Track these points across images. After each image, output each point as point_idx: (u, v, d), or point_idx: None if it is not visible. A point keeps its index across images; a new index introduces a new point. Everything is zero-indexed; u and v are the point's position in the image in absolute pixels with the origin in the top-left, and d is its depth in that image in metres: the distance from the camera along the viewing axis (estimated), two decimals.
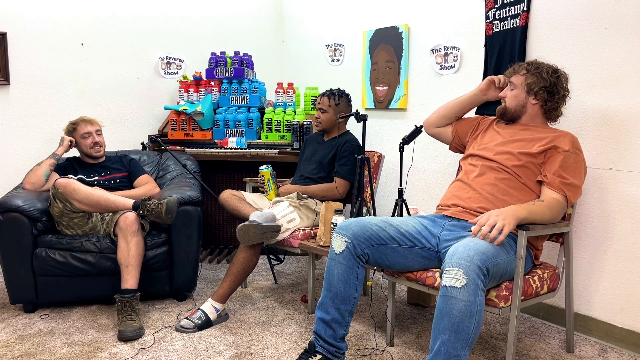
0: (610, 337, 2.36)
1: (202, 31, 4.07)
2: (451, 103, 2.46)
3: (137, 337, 2.35)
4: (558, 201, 1.99)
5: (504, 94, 2.23)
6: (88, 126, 2.93)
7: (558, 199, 1.99)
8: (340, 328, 1.99)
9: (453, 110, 2.45)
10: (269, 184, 2.93)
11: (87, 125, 2.93)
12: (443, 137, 2.49)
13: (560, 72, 2.15)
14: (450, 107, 2.46)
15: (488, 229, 1.81)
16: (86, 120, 2.95)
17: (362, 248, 1.98)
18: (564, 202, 2.00)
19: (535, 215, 1.92)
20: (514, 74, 2.20)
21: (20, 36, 3.39)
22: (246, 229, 2.44)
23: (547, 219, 1.96)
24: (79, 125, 2.92)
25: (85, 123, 2.93)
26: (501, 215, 1.83)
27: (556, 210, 1.98)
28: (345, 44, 3.73)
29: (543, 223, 1.96)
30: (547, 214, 1.96)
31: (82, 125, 2.92)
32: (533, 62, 2.18)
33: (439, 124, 2.49)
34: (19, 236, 2.57)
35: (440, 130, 2.49)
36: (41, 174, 2.78)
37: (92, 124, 2.95)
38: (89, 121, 2.95)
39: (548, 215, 1.96)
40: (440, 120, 2.48)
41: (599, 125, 2.35)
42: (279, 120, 3.48)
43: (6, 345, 2.30)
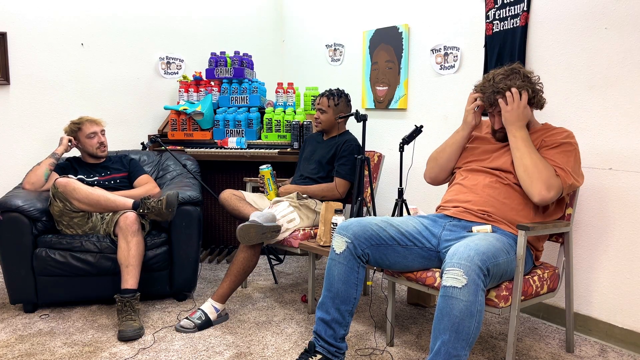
0: (610, 337, 2.36)
1: (202, 31, 4.07)
2: (447, 154, 2.28)
3: (137, 337, 2.35)
4: (551, 170, 1.95)
5: (498, 125, 2.12)
6: (94, 126, 2.92)
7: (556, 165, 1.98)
8: (340, 328, 1.99)
9: (455, 157, 2.28)
10: (269, 184, 2.93)
11: (92, 126, 2.92)
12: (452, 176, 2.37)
13: (515, 68, 2.07)
14: (449, 158, 2.28)
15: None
16: (91, 120, 2.93)
17: (362, 248, 1.98)
18: (554, 177, 1.95)
19: (527, 147, 1.95)
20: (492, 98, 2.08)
21: (20, 36, 3.39)
22: (246, 229, 2.44)
23: (530, 163, 1.93)
24: (84, 125, 2.91)
25: (91, 123, 2.92)
26: (517, 117, 1.99)
27: (545, 169, 1.93)
28: (345, 44, 3.73)
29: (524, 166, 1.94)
30: (540, 165, 1.93)
31: (88, 126, 2.91)
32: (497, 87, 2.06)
33: (447, 174, 2.33)
34: (19, 236, 2.57)
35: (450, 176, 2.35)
36: (41, 173, 2.78)
37: (98, 124, 2.95)
38: (94, 121, 2.94)
39: (540, 167, 1.93)
40: (449, 172, 2.32)
41: (599, 125, 2.35)
42: (279, 120, 3.48)
43: (6, 345, 2.30)
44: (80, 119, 2.95)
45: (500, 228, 2.01)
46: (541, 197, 1.93)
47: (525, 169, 1.95)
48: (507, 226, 2.02)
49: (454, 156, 2.29)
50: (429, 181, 2.39)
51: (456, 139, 2.27)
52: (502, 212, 2.03)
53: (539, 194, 1.92)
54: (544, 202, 1.95)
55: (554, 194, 1.94)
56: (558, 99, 2.49)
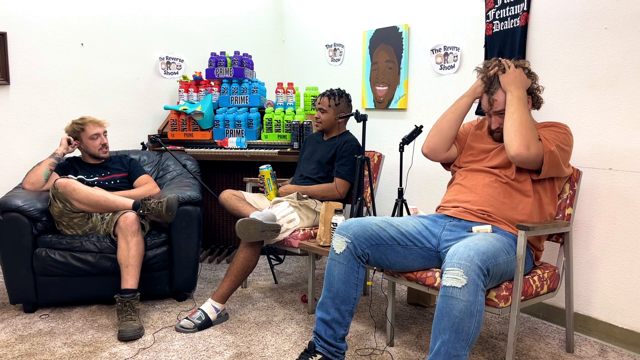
0: (610, 337, 2.36)
1: (202, 31, 4.07)
2: (448, 119, 2.24)
3: (137, 337, 2.35)
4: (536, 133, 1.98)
5: (496, 124, 2.12)
6: (97, 127, 2.91)
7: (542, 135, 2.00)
8: (340, 328, 1.99)
9: (456, 124, 2.23)
10: (269, 184, 2.93)
11: (95, 127, 2.91)
12: (451, 158, 2.31)
13: (519, 63, 2.11)
14: (450, 125, 2.23)
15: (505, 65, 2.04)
16: (95, 121, 2.92)
17: (362, 248, 1.98)
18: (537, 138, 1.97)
19: (521, 106, 1.98)
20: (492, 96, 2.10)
21: (20, 36, 3.39)
22: (246, 225, 2.44)
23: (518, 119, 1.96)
24: (87, 126, 2.89)
25: (94, 124, 2.91)
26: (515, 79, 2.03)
27: (531, 129, 1.95)
28: (345, 44, 3.73)
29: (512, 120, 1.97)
30: (527, 124, 1.96)
31: (91, 127, 2.90)
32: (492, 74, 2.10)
33: (447, 146, 2.25)
34: (19, 236, 2.57)
35: (449, 153, 2.29)
36: (41, 174, 2.78)
37: (100, 125, 2.94)
38: (98, 123, 2.93)
39: (526, 125, 1.95)
40: (449, 141, 2.25)
41: (599, 125, 2.35)
42: (279, 120, 3.48)
43: (6, 345, 2.30)
44: (82, 119, 2.93)
45: (500, 228, 2.01)
46: (518, 152, 1.93)
47: (513, 122, 1.97)
48: (507, 226, 2.02)
49: (454, 123, 2.24)
50: (426, 152, 2.28)
51: (459, 104, 2.24)
52: (501, 211, 2.04)
53: (518, 147, 1.93)
54: (520, 158, 1.94)
55: (532, 152, 1.93)
56: (558, 98, 2.49)
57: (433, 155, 2.29)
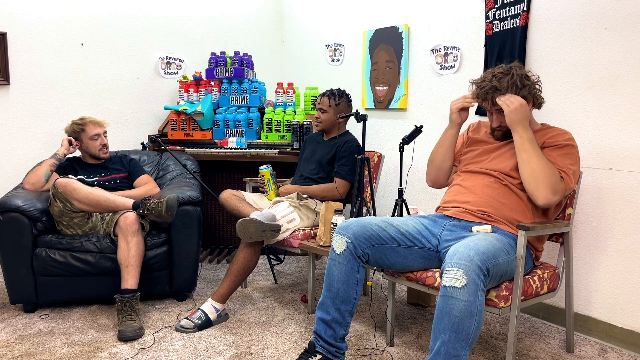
0: (610, 337, 2.36)
1: (202, 31, 4.07)
2: (441, 154, 2.29)
3: (137, 337, 2.35)
4: (557, 173, 1.95)
5: (497, 122, 2.12)
6: (97, 128, 2.91)
7: (561, 168, 1.99)
8: (340, 328, 1.99)
9: (449, 156, 2.28)
10: (269, 184, 2.93)
11: (96, 127, 2.91)
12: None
13: (514, 67, 2.07)
14: (444, 158, 2.28)
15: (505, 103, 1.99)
16: (95, 122, 2.92)
17: (362, 248, 1.98)
18: (559, 181, 1.95)
19: (535, 150, 1.94)
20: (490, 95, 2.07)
21: (20, 36, 3.39)
22: (246, 224, 2.44)
23: (537, 167, 1.92)
24: (87, 127, 2.89)
25: (94, 125, 2.91)
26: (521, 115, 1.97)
27: (552, 173, 1.93)
28: (345, 44, 3.73)
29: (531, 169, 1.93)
30: (547, 170, 1.92)
31: (91, 127, 2.90)
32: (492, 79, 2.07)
33: (448, 175, 2.33)
34: (19, 236, 2.57)
35: (452, 177, 2.34)
36: (41, 174, 2.78)
37: (101, 125, 2.93)
38: (98, 123, 2.92)
39: (547, 172, 1.92)
40: (447, 171, 2.32)
41: (599, 125, 2.35)
42: (279, 120, 3.48)
43: (6, 345, 2.30)
44: (82, 119, 2.93)
45: (500, 228, 2.01)
46: (547, 201, 1.94)
47: (532, 172, 1.94)
48: (507, 226, 2.02)
49: (447, 156, 2.28)
50: (430, 184, 2.39)
51: (445, 138, 2.28)
52: (501, 212, 2.04)
53: (545, 197, 1.93)
54: (548, 206, 1.97)
55: (558, 197, 1.95)
56: (558, 98, 2.49)
57: (438, 186, 2.39)
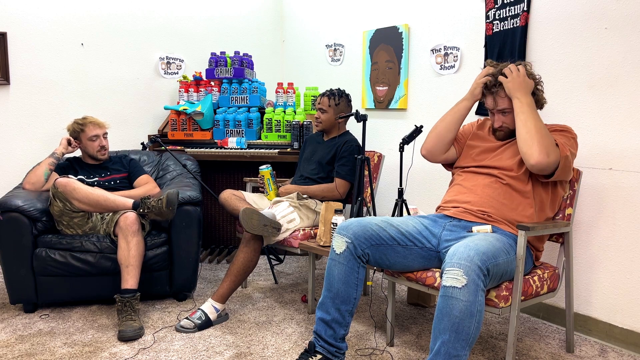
0: (610, 337, 2.36)
1: (202, 31, 4.07)
2: (447, 122, 2.24)
3: (137, 337, 2.35)
4: (552, 138, 1.96)
5: (499, 123, 2.12)
6: (97, 129, 2.90)
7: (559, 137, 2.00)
8: (340, 328, 1.99)
9: (454, 128, 2.23)
10: (269, 184, 2.93)
11: (95, 128, 2.90)
12: (450, 160, 2.32)
13: (520, 63, 2.09)
14: (448, 127, 2.23)
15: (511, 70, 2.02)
16: (95, 123, 2.91)
17: (362, 248, 1.98)
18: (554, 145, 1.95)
19: (533, 113, 1.96)
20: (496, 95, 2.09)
21: (20, 36, 3.39)
22: (250, 213, 2.44)
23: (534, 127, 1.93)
24: (87, 127, 2.89)
25: (94, 126, 2.90)
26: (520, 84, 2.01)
27: (547, 136, 1.93)
28: (345, 44, 3.73)
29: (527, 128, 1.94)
30: (543, 131, 1.93)
31: (91, 128, 2.89)
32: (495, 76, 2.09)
33: (445, 149, 2.26)
34: (19, 236, 2.57)
35: (447, 155, 2.29)
36: (41, 173, 2.78)
37: (101, 127, 2.93)
38: (98, 124, 2.92)
39: (542, 132, 1.93)
40: (446, 144, 2.25)
41: (599, 125, 2.35)
42: (279, 120, 3.48)
43: (6, 345, 2.30)
44: (84, 119, 2.92)
45: (500, 228, 2.01)
46: (539, 160, 1.90)
47: (528, 130, 1.94)
48: (507, 226, 2.02)
49: (452, 126, 2.23)
50: (424, 153, 2.30)
51: (458, 108, 2.23)
52: (501, 212, 2.04)
53: (538, 156, 1.90)
54: (540, 166, 1.92)
55: (552, 159, 1.92)
56: (558, 98, 2.49)
57: (431, 157, 2.31)
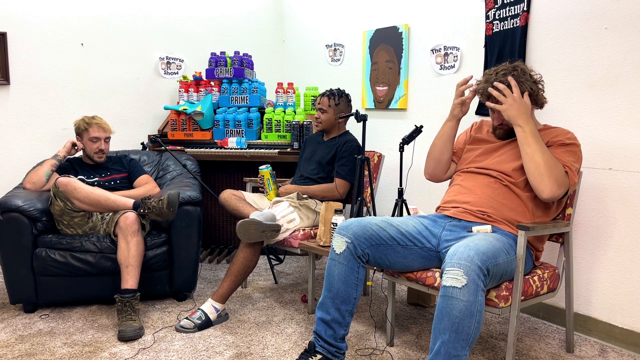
0: (610, 337, 2.36)
1: (202, 31, 4.07)
2: (439, 147, 2.28)
3: (137, 337, 2.36)
4: (561, 167, 1.95)
5: (499, 121, 2.12)
6: (100, 132, 2.91)
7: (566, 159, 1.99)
8: (340, 328, 1.99)
9: (447, 149, 2.28)
10: (269, 184, 2.93)
11: (99, 131, 2.91)
12: (453, 173, 2.35)
13: (518, 66, 2.07)
14: (442, 150, 2.28)
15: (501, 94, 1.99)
16: (101, 125, 2.92)
17: (362, 248, 1.98)
18: (564, 175, 1.95)
19: (538, 143, 1.93)
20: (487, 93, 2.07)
21: (20, 36, 3.39)
22: (246, 226, 2.44)
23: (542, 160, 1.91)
24: (91, 127, 2.89)
25: (99, 128, 2.91)
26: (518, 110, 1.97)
27: (557, 167, 1.92)
28: (345, 44, 3.73)
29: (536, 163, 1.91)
30: (551, 163, 1.92)
31: (95, 129, 2.90)
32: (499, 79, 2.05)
33: (446, 169, 2.32)
34: (19, 236, 2.57)
35: (450, 172, 2.34)
36: (42, 173, 2.78)
37: (105, 130, 2.93)
38: (103, 128, 2.92)
39: (551, 164, 1.91)
40: (445, 165, 2.31)
41: (599, 125, 2.35)
42: (279, 120, 3.48)
43: (6, 345, 2.30)
44: (92, 119, 2.93)
45: (500, 228, 2.01)
46: (552, 194, 1.92)
47: (537, 165, 1.93)
48: (507, 226, 2.02)
49: (445, 148, 2.28)
50: (428, 177, 2.38)
51: (444, 131, 2.28)
52: (501, 212, 2.03)
53: (550, 190, 1.91)
54: (552, 199, 1.95)
55: (562, 191, 1.94)
56: (558, 98, 2.49)
57: (436, 179, 2.37)
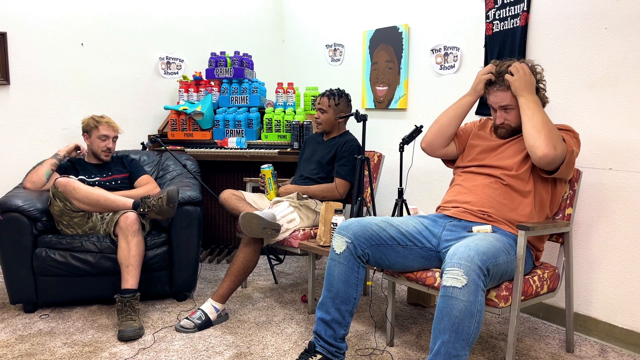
0: (610, 337, 2.36)
1: (202, 31, 4.07)
2: (449, 117, 2.25)
3: (137, 337, 2.36)
4: (559, 133, 1.97)
5: (501, 119, 2.12)
6: (109, 130, 2.93)
7: (563, 136, 1.99)
8: (340, 328, 1.99)
9: (456, 123, 2.24)
10: (270, 183, 2.93)
11: (108, 129, 2.93)
12: (449, 155, 2.33)
13: (527, 62, 2.08)
14: (450, 122, 2.24)
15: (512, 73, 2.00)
16: (110, 124, 2.94)
17: (362, 248, 1.98)
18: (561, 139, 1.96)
19: (539, 109, 1.95)
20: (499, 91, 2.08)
21: (20, 36, 3.39)
22: (249, 218, 2.44)
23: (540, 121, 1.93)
24: (101, 125, 2.91)
25: (109, 126, 2.93)
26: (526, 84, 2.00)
27: (554, 129, 1.94)
28: (345, 44, 3.73)
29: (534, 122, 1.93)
30: (550, 125, 1.94)
31: (105, 127, 2.92)
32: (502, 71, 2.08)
33: (446, 143, 2.27)
34: (19, 236, 2.57)
35: (447, 150, 2.30)
36: (42, 173, 2.78)
37: (114, 130, 2.96)
38: (112, 126, 2.95)
39: (549, 126, 1.93)
40: (447, 138, 2.26)
41: (599, 125, 2.35)
42: (279, 120, 3.48)
43: (6, 345, 2.30)
44: (101, 117, 2.95)
45: (500, 228, 2.01)
46: (546, 152, 1.90)
47: (534, 124, 1.93)
48: (507, 226, 2.02)
49: (455, 121, 2.25)
50: (423, 146, 2.31)
51: (461, 103, 2.24)
52: (501, 212, 2.04)
53: (545, 147, 1.89)
54: (547, 159, 1.91)
55: (559, 152, 1.91)
56: (558, 98, 2.49)
57: (430, 151, 2.31)
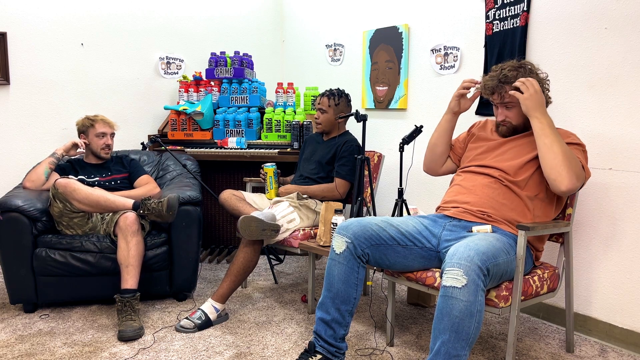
0: (610, 337, 2.36)
1: (202, 31, 4.07)
2: (434, 137, 2.34)
3: (137, 337, 2.36)
4: (578, 160, 1.95)
5: (502, 117, 2.12)
6: (106, 127, 2.94)
7: (577, 155, 1.99)
8: (340, 328, 1.99)
9: (442, 141, 2.32)
10: (271, 182, 2.93)
11: (105, 126, 2.94)
12: (451, 171, 2.39)
13: (525, 64, 2.07)
14: (436, 142, 2.33)
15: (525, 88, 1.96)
16: (105, 121, 2.96)
17: (362, 248, 1.98)
18: (581, 167, 1.95)
19: (556, 135, 1.92)
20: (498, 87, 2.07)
21: (20, 36, 3.39)
22: (248, 222, 2.44)
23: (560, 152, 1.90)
24: (97, 123, 2.92)
25: (104, 124, 2.94)
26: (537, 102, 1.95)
27: (574, 158, 1.92)
28: (345, 44, 3.73)
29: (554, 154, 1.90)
30: (569, 155, 1.91)
31: (101, 125, 2.93)
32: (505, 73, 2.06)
33: (441, 162, 2.37)
34: (19, 236, 2.57)
35: (446, 167, 2.38)
36: (41, 172, 2.78)
37: (111, 126, 2.97)
38: (108, 123, 2.96)
39: (570, 156, 1.91)
40: (440, 157, 2.35)
41: (599, 125, 2.35)
42: (279, 120, 3.48)
43: (6, 345, 2.30)
44: (95, 116, 2.96)
45: (500, 228, 2.01)
46: (569, 187, 1.91)
47: (555, 156, 1.91)
48: (507, 226, 2.02)
49: (440, 140, 2.33)
50: (425, 169, 2.43)
51: (440, 124, 2.33)
52: (501, 212, 2.03)
53: (569, 182, 1.90)
54: (570, 192, 1.94)
55: (580, 183, 1.94)
56: (558, 98, 2.49)
57: (432, 172, 2.43)
